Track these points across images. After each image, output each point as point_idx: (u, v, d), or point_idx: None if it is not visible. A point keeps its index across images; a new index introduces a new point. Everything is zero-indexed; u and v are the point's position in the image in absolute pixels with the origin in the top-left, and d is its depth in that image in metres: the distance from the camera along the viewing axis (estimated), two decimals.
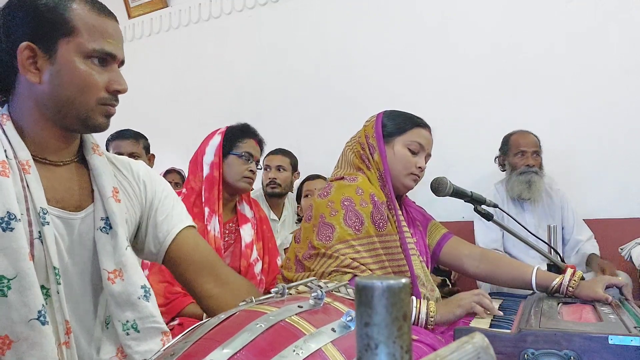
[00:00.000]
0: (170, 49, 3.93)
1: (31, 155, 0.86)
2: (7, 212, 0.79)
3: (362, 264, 1.27)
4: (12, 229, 0.78)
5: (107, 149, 2.31)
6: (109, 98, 0.89)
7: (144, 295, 0.92)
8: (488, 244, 2.35)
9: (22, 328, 0.78)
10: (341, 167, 1.51)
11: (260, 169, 1.94)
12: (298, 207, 2.51)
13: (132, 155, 2.19)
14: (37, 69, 0.85)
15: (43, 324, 0.79)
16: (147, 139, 2.50)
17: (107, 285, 0.89)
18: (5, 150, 0.83)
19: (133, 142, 2.39)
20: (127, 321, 0.90)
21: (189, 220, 1.06)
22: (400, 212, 1.42)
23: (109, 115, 0.91)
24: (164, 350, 0.67)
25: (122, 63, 0.92)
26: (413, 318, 1.18)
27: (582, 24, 2.60)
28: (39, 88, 0.85)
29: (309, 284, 0.88)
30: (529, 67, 2.70)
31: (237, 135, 1.81)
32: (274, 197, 2.74)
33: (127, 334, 0.90)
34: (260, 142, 1.88)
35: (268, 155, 2.76)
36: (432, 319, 1.18)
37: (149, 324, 0.92)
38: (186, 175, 3.10)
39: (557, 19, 2.66)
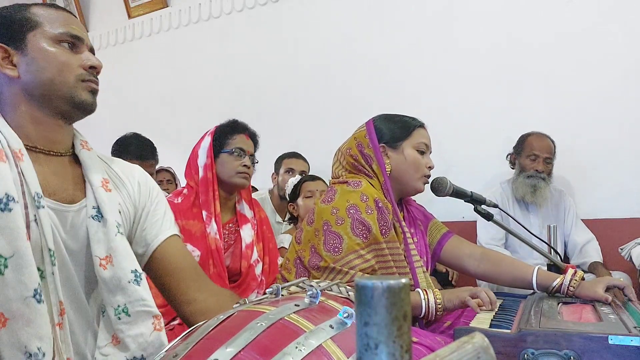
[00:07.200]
0: (170, 49, 3.92)
1: (23, 144, 0.89)
2: (6, 193, 0.81)
3: (371, 273, 1.30)
4: (10, 210, 0.81)
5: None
6: (86, 74, 0.94)
7: (135, 280, 0.93)
8: (488, 241, 2.34)
9: (18, 305, 0.79)
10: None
11: (257, 162, 1.87)
12: (290, 205, 2.42)
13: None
14: (14, 65, 0.91)
15: (39, 302, 0.81)
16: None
17: (99, 271, 0.92)
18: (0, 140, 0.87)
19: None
20: (118, 305, 0.92)
21: (176, 230, 1.10)
22: (404, 223, 1.42)
23: (92, 91, 0.96)
24: (166, 351, 0.67)
25: (91, 50, 0.98)
26: (424, 310, 1.25)
27: (582, 24, 2.60)
28: (20, 81, 0.91)
29: (300, 284, 0.90)
30: (529, 67, 2.69)
31: (226, 133, 1.80)
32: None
33: (119, 318, 0.92)
34: (252, 136, 1.85)
35: (289, 158, 2.74)
36: (440, 306, 1.25)
37: (139, 307, 0.93)
38: (176, 174, 3.12)
39: (558, 18, 2.65)
